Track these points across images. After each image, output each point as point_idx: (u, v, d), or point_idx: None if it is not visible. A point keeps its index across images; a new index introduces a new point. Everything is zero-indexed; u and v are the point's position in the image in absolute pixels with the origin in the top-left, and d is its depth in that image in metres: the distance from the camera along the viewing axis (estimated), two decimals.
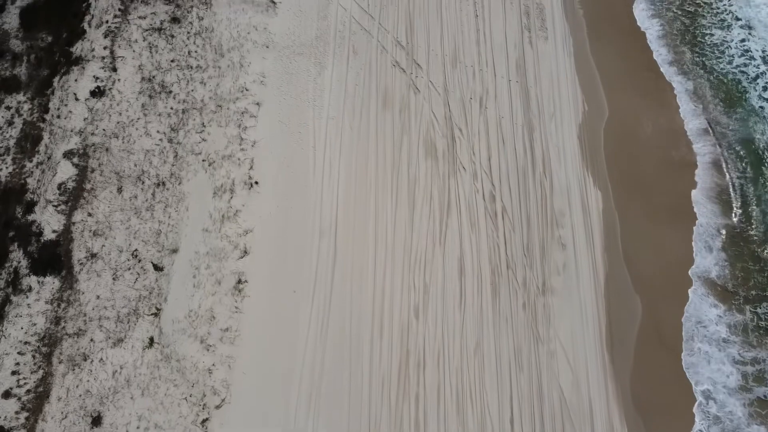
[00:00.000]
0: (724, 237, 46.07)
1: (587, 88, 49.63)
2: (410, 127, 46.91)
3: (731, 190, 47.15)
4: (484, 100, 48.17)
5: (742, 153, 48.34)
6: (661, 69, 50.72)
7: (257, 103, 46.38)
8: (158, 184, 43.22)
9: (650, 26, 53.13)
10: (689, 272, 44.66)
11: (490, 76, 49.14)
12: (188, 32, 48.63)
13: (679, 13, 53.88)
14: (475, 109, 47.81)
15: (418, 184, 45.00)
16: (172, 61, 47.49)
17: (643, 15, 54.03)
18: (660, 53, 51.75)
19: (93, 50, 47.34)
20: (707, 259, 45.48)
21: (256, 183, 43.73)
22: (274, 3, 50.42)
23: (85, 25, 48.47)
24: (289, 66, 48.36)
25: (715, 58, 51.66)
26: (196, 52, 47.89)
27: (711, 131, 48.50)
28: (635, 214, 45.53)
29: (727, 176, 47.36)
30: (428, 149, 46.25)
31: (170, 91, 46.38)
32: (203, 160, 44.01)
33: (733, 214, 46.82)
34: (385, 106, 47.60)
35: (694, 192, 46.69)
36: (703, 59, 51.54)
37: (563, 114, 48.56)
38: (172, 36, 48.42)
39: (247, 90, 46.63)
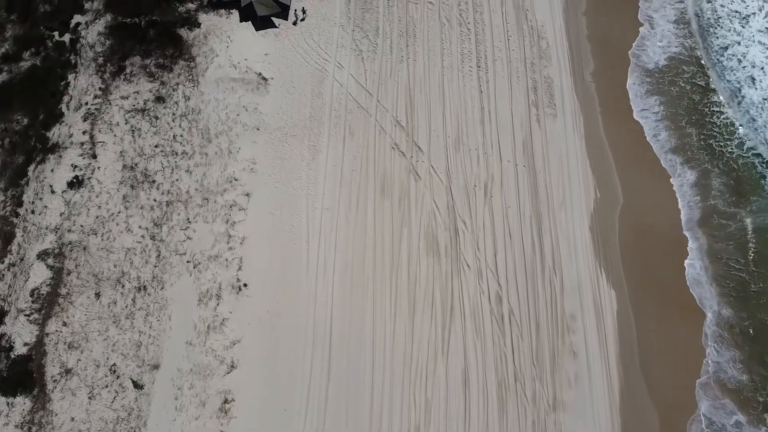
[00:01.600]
0: (733, 336, 43.11)
1: (600, 172, 46.57)
2: (410, 219, 43.86)
3: (736, 284, 44.18)
4: (489, 188, 45.10)
5: (750, 244, 45.30)
6: (660, 159, 47.42)
7: (247, 194, 43.29)
8: (139, 289, 40.14)
9: (648, 106, 49.23)
10: (702, 372, 42.00)
11: (496, 160, 46.08)
12: (173, 113, 45.51)
13: (688, 88, 50.59)
14: (479, 198, 44.75)
15: (419, 285, 41.95)
16: (156, 146, 44.38)
17: (637, 92, 50.23)
18: (659, 138, 48.28)
19: (71, 136, 44.21)
20: (720, 360, 42.59)
21: (245, 285, 40.67)
22: (265, 80, 47.30)
23: (63, 107, 45.36)
24: (281, 150, 45.28)
25: (725, 140, 48.46)
26: (181, 136, 44.78)
27: (711, 223, 45.42)
28: (653, 314, 42.53)
29: (733, 270, 44.52)
30: (430, 244, 43.20)
31: (153, 181, 43.28)
32: (188, 262, 40.93)
33: (743, 312, 43.87)
34: (383, 195, 44.55)
35: (697, 287, 43.86)
36: (711, 142, 48.34)
37: (573, 202, 45.54)
38: (156, 117, 45.30)
39: (235, 180, 43.55)
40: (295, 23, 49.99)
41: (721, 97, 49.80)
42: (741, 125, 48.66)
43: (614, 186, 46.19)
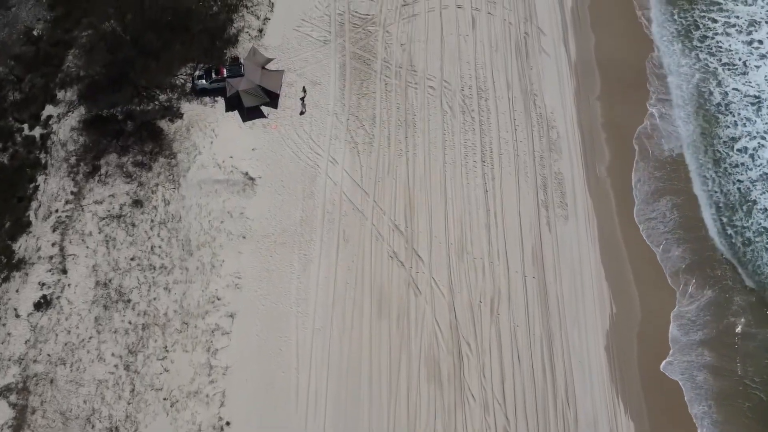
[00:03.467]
0: None
1: (616, 284, 42.83)
2: (410, 340, 40.15)
3: (754, 404, 40.63)
4: (495, 304, 41.37)
5: None
6: (668, 280, 43.44)
7: (230, 315, 39.58)
8: (111, 430, 36.41)
9: (655, 214, 44.66)
10: None
11: (503, 271, 42.34)
12: (152, 220, 41.79)
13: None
14: (485, 316, 41.01)
15: (419, 419, 38.22)
16: (132, 259, 40.67)
17: (644, 192, 45.25)
18: (671, 256, 43.69)
19: (39, 249, 40.52)
20: None
21: (228, 424, 36.98)
22: (252, 180, 43.57)
23: (31, 215, 41.63)
24: (269, 260, 41.55)
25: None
26: (160, 247, 41.06)
27: (726, 342, 41.80)
28: None
29: (749, 389, 40.94)
30: (431, 370, 39.46)
31: (129, 300, 39.59)
32: (164, 399, 37.18)
33: None
34: (380, 312, 40.82)
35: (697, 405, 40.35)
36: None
37: (588, 318, 41.81)
38: (133, 225, 41.61)
39: (218, 299, 39.83)
40: (302, 113, 46.31)
41: (705, 214, 44.95)
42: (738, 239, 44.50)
43: (632, 299, 42.49)
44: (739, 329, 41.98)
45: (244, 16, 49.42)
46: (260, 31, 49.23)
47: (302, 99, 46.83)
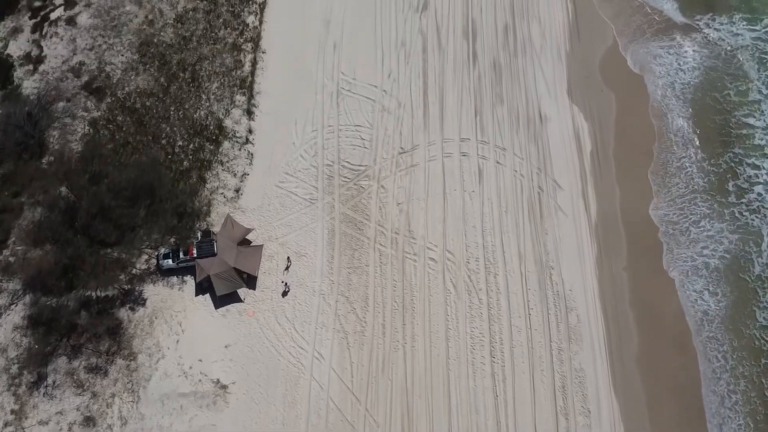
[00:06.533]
0: None
1: None
2: None
3: None
4: None
5: None
6: None
7: None
8: None
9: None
10: None
11: None
12: None
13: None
14: None
15: None
16: None
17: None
18: None
19: None
20: None
21: None
22: (224, 387, 37.48)
23: None
24: None
25: None
26: None
27: None
28: None
29: None
30: None
31: None
32: None
33: None
34: None
35: None
36: None
37: None
38: None
39: None
40: (285, 294, 40.38)
41: None
42: None
43: None
44: None
45: (219, 174, 43.40)
46: (237, 191, 43.22)
47: (287, 269, 40.98)
